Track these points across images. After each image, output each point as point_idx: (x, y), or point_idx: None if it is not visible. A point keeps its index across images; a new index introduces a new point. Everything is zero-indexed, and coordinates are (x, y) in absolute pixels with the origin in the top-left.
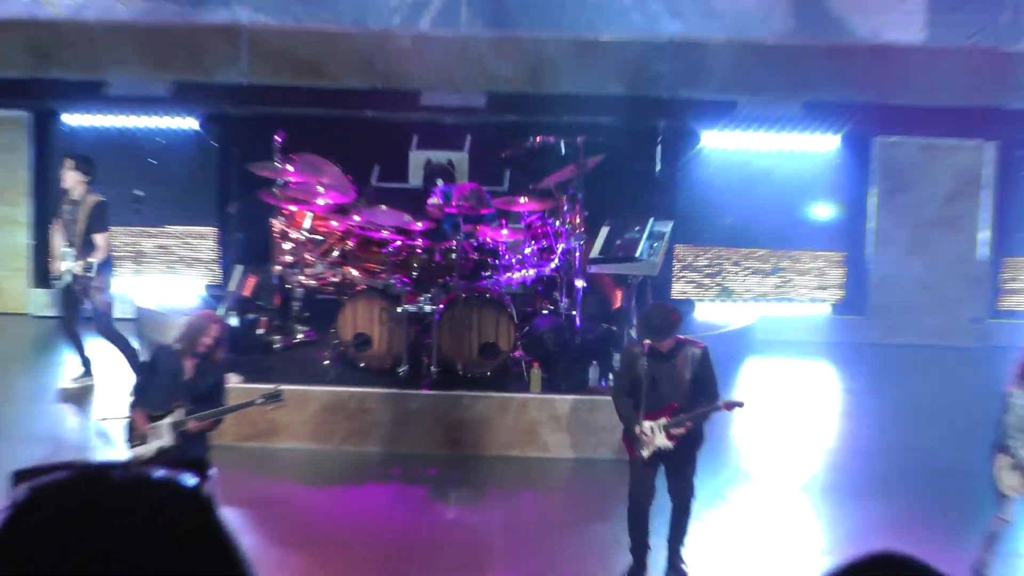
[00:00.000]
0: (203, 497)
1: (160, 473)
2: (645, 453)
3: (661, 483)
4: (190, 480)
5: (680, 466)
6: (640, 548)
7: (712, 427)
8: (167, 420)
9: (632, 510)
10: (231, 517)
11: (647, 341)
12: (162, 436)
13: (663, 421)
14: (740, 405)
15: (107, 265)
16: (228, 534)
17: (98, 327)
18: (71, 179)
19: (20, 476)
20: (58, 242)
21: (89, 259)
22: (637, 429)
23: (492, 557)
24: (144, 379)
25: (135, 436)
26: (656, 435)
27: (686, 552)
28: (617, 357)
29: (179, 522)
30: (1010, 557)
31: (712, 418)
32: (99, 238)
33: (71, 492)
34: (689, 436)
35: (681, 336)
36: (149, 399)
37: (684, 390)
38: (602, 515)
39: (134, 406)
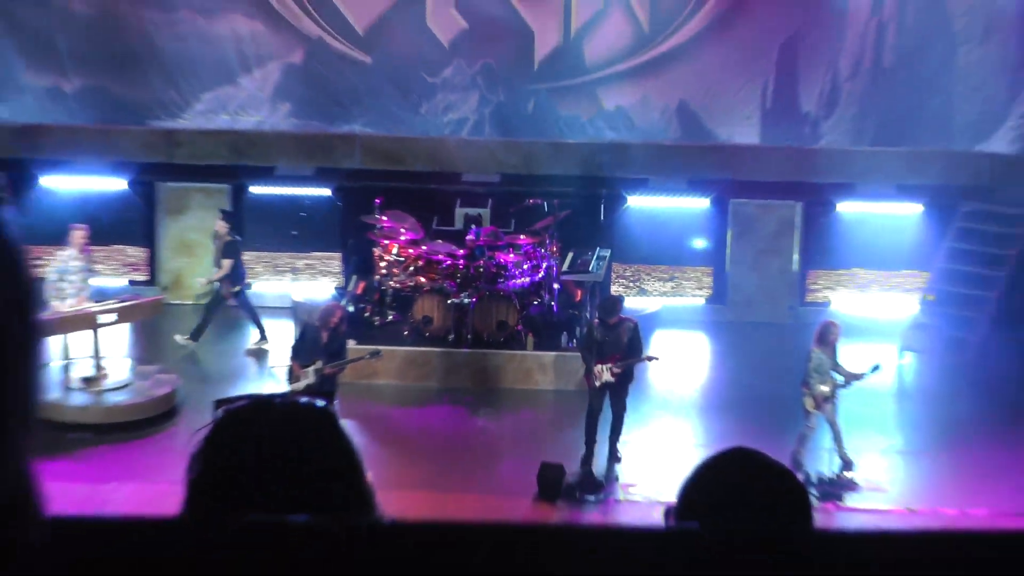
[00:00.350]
0: (330, 413)
1: (305, 399)
2: (597, 384)
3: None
4: (322, 403)
5: (618, 393)
6: (591, 442)
7: (639, 371)
8: (312, 368)
9: (588, 419)
10: (348, 425)
11: (601, 318)
12: (309, 378)
13: (609, 365)
14: (656, 359)
15: (235, 276)
16: (346, 435)
17: (241, 307)
18: (220, 225)
19: (219, 403)
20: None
21: (215, 275)
22: (595, 369)
23: (504, 448)
24: (298, 343)
25: (292, 377)
26: (604, 373)
27: (620, 445)
28: (578, 330)
29: (315, 428)
30: (815, 450)
31: (639, 366)
32: (224, 262)
33: (251, 412)
34: (624, 375)
35: (622, 315)
36: (301, 355)
37: (622, 348)
38: (570, 423)
39: (292, 359)
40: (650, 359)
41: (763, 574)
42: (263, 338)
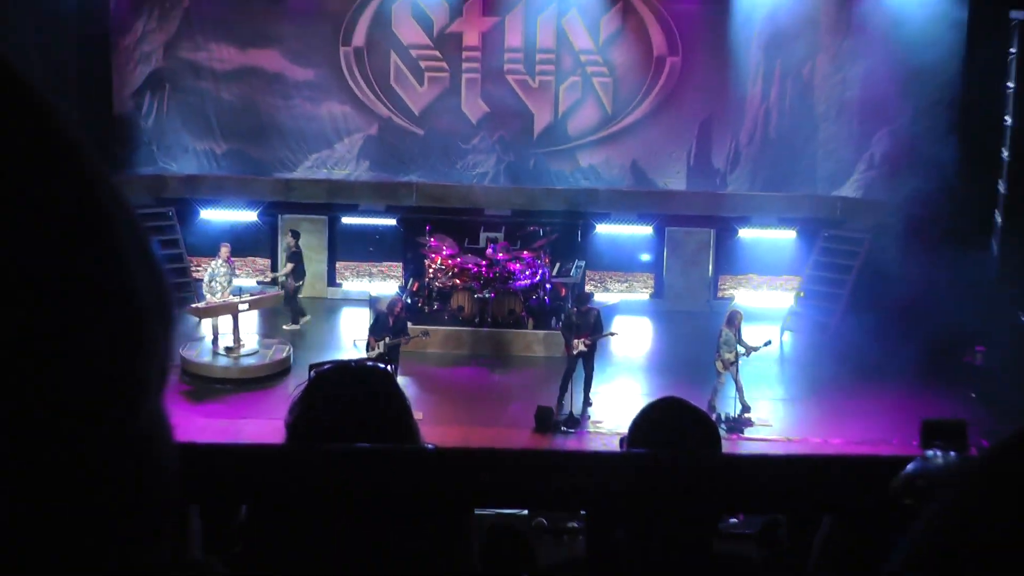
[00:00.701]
0: (388, 373)
1: (371, 363)
2: (575, 353)
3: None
4: (381, 366)
5: (589, 359)
6: (563, 391)
7: (603, 345)
8: (383, 341)
9: (564, 377)
10: (403, 381)
11: (576, 306)
12: (381, 348)
13: (583, 339)
14: (616, 334)
15: (297, 273)
16: (399, 388)
17: (285, 300)
18: (289, 240)
19: (312, 366)
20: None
21: (280, 272)
22: (573, 343)
23: (512, 396)
24: (373, 324)
25: (369, 347)
26: (579, 345)
27: (591, 395)
28: (562, 315)
29: (378, 384)
30: (724, 398)
31: (602, 340)
32: (288, 265)
33: (333, 372)
34: (592, 346)
35: (591, 304)
36: (375, 332)
37: (591, 327)
38: (557, 380)
39: (369, 335)
40: (611, 335)
41: (685, 483)
42: (295, 321)
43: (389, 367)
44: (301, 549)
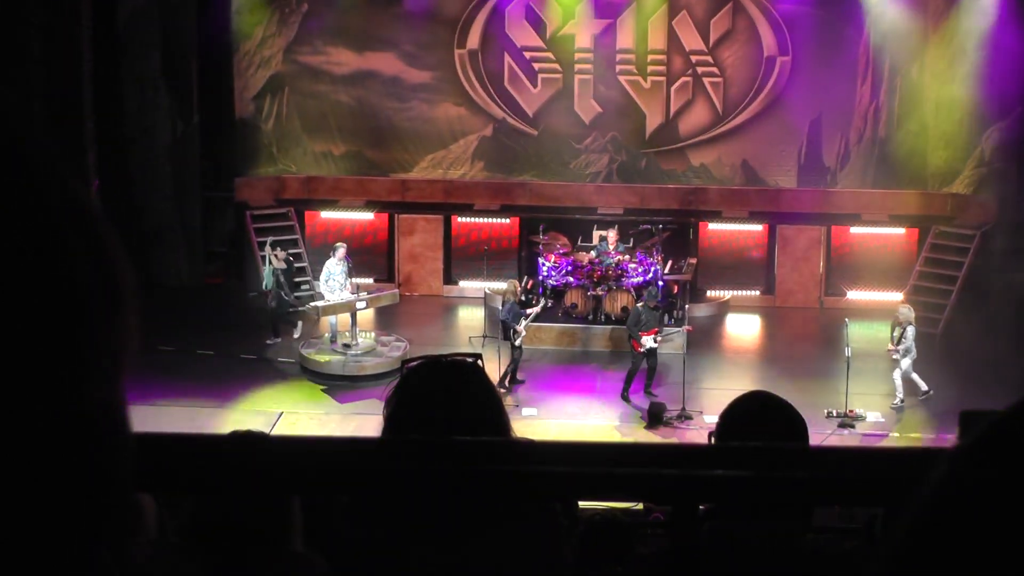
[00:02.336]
0: (479, 366)
1: (459, 358)
2: (644, 348)
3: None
4: (471, 359)
5: (653, 353)
6: (627, 387)
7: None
8: (522, 323)
9: (632, 371)
10: (519, 376)
11: (645, 303)
12: (524, 331)
13: (652, 335)
14: (691, 329)
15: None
16: (489, 381)
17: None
18: (278, 252)
19: (404, 362)
20: None
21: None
22: (642, 338)
23: (609, 379)
24: (509, 313)
25: (515, 335)
26: (649, 342)
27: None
28: (632, 312)
29: (468, 377)
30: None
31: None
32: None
33: (424, 368)
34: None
35: (659, 301)
36: (514, 319)
37: (659, 323)
38: (667, 373)
39: (512, 324)
40: (688, 330)
41: (769, 476)
42: (276, 334)
43: (511, 361)
44: (396, 541)
